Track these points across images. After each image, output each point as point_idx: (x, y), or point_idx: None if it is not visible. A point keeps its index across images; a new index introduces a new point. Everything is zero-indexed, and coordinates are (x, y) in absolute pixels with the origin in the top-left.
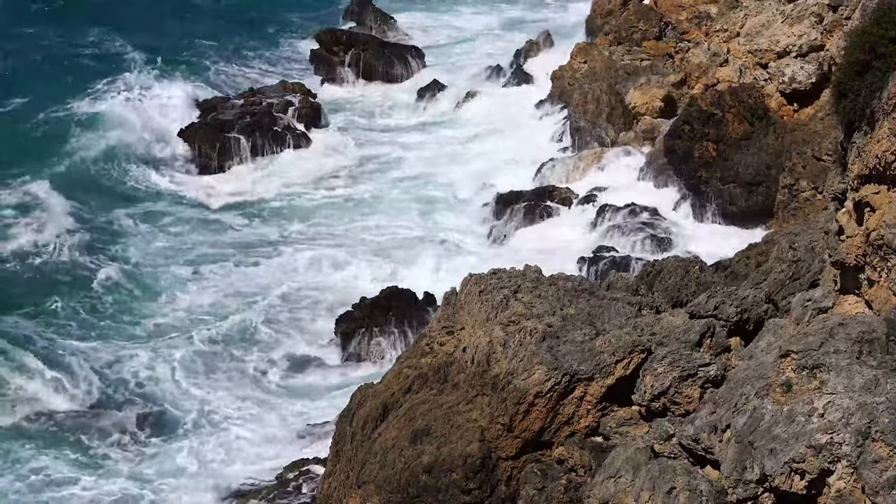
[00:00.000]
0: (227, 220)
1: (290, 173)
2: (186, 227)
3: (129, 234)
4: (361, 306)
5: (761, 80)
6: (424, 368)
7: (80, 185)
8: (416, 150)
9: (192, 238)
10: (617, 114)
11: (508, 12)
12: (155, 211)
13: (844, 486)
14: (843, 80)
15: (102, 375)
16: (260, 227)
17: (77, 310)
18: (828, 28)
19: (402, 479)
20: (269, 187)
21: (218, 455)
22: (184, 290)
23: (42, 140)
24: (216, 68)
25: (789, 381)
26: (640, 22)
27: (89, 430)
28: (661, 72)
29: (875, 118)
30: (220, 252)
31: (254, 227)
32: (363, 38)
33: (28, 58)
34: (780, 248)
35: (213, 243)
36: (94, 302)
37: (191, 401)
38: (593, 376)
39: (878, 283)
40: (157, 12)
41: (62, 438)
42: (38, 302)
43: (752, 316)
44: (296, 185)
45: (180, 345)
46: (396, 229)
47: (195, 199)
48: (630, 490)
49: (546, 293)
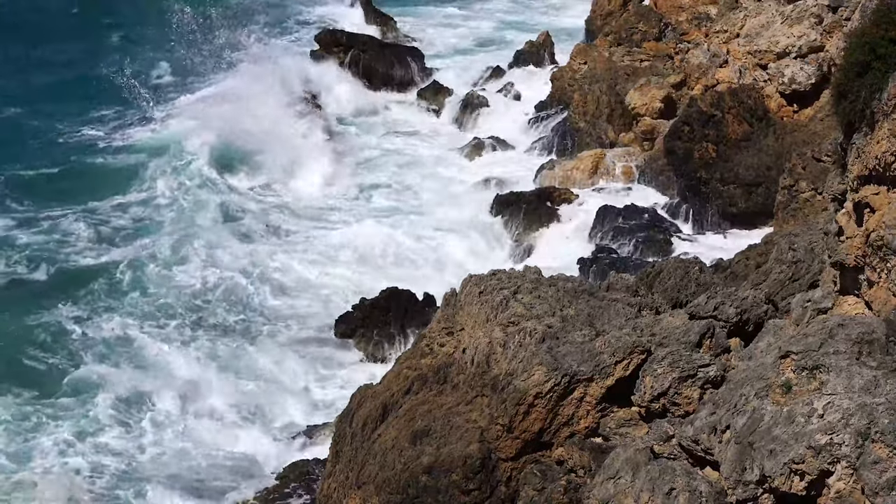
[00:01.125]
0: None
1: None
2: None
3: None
4: (361, 307)
5: (761, 81)
6: (424, 369)
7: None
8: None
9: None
10: (616, 115)
11: (509, 12)
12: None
13: (844, 486)
14: (843, 81)
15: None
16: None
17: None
18: (827, 29)
19: (401, 479)
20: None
21: (215, 454)
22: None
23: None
24: (215, 67)
25: (789, 381)
26: (639, 23)
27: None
28: (661, 73)
29: (875, 119)
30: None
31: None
32: (363, 38)
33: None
34: (779, 248)
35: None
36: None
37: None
38: (593, 377)
39: (878, 283)
40: (157, 12)
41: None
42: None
43: (751, 317)
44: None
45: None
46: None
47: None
48: (630, 491)
49: (546, 294)
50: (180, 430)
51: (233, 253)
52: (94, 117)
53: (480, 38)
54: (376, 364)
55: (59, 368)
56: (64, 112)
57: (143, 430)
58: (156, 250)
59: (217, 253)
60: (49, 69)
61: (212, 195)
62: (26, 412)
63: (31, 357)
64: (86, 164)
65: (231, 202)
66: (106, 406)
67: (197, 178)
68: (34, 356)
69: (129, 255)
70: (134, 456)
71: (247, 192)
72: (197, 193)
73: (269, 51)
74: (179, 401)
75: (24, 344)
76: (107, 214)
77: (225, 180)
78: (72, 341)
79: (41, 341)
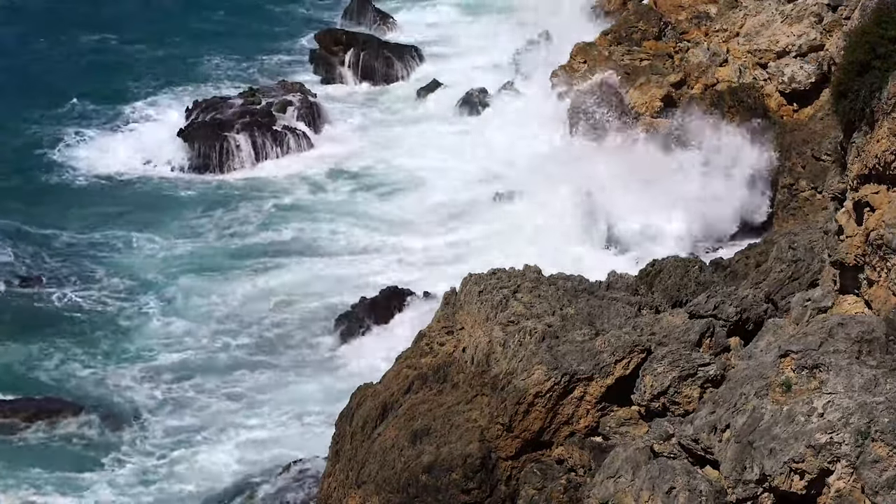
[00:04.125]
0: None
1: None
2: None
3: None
4: (361, 305)
5: (761, 79)
6: (424, 368)
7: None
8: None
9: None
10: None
11: (508, 13)
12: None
13: (844, 485)
14: (843, 80)
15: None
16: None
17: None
18: (827, 28)
19: (401, 478)
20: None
21: (216, 455)
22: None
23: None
24: (215, 68)
25: (789, 380)
26: (639, 22)
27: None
28: (661, 72)
29: (875, 118)
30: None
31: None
32: (363, 37)
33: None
34: (779, 247)
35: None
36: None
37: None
38: (593, 376)
39: (878, 282)
40: (156, 13)
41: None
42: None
43: (751, 316)
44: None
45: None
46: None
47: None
48: (630, 490)
49: (545, 293)
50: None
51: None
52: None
53: (480, 37)
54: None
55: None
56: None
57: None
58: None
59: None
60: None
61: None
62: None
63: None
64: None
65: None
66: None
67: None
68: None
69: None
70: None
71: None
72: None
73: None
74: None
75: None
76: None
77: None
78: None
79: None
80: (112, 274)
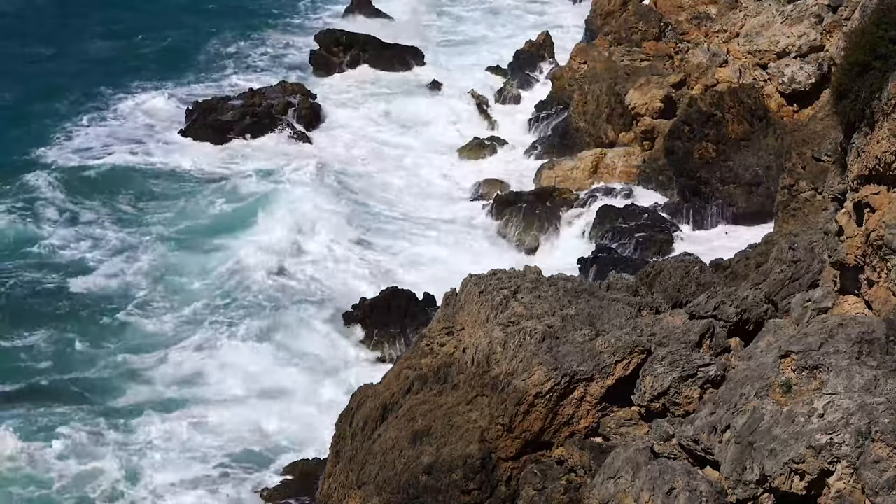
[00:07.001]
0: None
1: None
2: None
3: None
4: (361, 306)
5: (761, 80)
6: (424, 369)
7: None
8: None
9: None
10: (616, 114)
11: (508, 12)
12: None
13: (844, 486)
14: (843, 81)
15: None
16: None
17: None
18: (827, 28)
19: (402, 479)
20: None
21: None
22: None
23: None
24: (215, 68)
25: (789, 381)
26: (639, 23)
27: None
28: (661, 72)
29: (875, 119)
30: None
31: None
32: (362, 38)
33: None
34: (779, 248)
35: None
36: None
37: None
38: (593, 377)
39: (878, 283)
40: (154, 13)
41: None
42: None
43: (751, 316)
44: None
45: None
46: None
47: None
48: (630, 490)
49: (546, 294)
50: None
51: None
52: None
53: (480, 36)
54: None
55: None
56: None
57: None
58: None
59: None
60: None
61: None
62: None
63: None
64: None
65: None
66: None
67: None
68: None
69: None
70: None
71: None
72: None
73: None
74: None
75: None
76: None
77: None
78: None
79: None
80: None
